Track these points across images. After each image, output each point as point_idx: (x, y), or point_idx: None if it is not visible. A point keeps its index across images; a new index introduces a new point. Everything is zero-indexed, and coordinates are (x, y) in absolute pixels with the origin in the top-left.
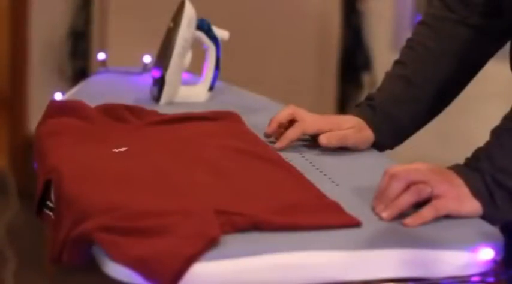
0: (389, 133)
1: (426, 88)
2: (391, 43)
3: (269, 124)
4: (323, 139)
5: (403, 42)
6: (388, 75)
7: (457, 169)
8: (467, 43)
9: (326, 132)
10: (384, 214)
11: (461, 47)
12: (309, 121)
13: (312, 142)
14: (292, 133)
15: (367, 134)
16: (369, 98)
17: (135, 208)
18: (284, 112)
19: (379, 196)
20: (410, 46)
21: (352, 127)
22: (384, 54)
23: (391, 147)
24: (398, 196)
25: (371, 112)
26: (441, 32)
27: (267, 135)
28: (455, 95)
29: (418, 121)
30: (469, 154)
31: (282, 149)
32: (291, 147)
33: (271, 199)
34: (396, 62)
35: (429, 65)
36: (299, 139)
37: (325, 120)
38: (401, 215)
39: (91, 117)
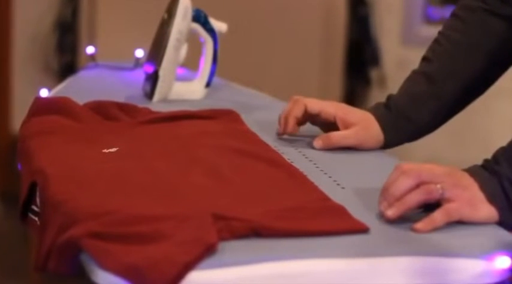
0: (402, 134)
1: (449, 85)
2: (400, 36)
3: (285, 122)
4: (317, 143)
5: (413, 36)
6: (412, 73)
7: (473, 172)
8: (499, 35)
9: (329, 113)
10: (389, 212)
11: (491, 40)
12: (313, 101)
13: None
14: (295, 110)
15: (373, 132)
16: (388, 98)
17: (126, 213)
18: (297, 106)
19: (385, 191)
20: (437, 40)
21: (357, 122)
22: (392, 48)
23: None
24: (405, 193)
25: (385, 111)
26: (471, 23)
27: (282, 134)
28: (482, 92)
29: (437, 118)
30: (486, 154)
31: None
32: (292, 146)
33: (272, 203)
34: (422, 58)
35: (455, 60)
36: (302, 138)
37: (332, 103)
38: (411, 221)
39: (79, 115)
